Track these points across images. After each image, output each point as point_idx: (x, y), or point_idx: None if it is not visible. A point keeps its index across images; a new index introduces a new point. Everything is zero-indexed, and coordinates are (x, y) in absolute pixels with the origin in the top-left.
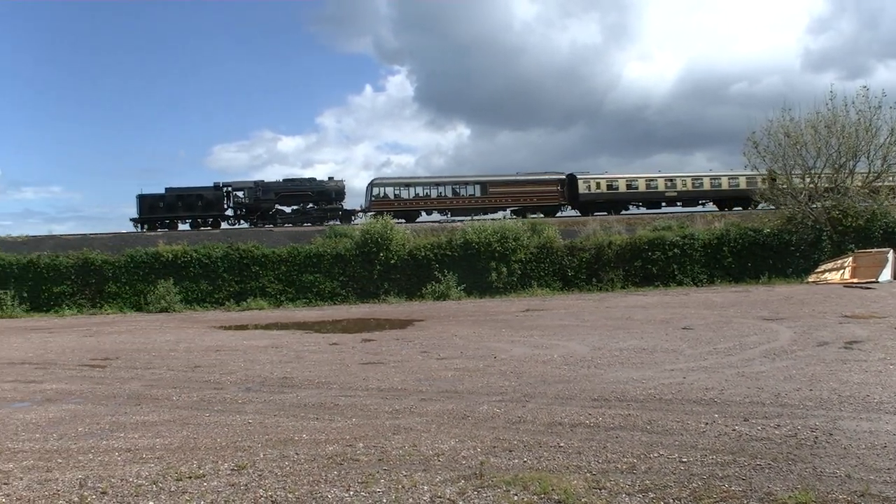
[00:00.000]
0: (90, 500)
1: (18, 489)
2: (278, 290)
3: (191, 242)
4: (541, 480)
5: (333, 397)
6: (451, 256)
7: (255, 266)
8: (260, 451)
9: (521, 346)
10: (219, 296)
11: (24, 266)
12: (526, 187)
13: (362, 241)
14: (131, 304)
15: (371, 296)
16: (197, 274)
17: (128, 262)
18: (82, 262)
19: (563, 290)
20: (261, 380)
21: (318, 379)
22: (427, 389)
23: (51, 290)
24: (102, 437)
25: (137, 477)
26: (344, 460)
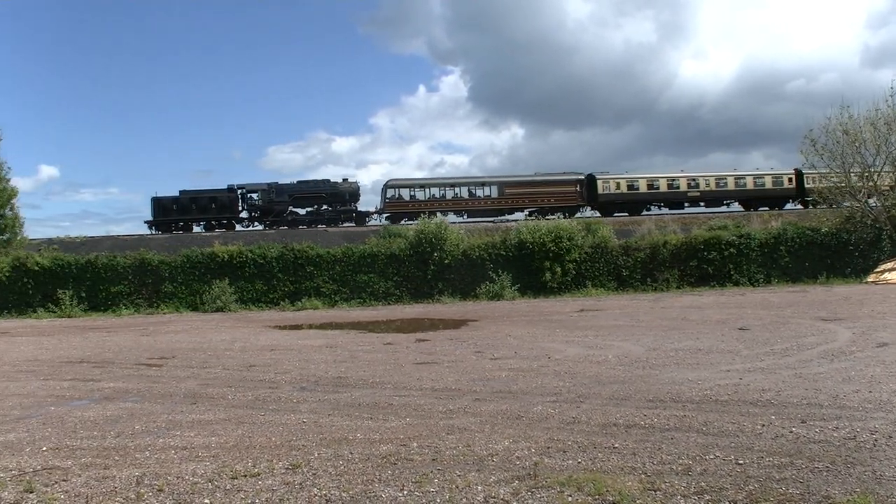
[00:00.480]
0: (147, 497)
1: (77, 486)
2: (333, 290)
3: (246, 243)
4: (595, 481)
5: (387, 397)
6: (505, 256)
7: (310, 266)
8: (314, 450)
9: (575, 347)
10: (274, 296)
11: (83, 266)
12: (543, 188)
13: (416, 241)
14: (187, 304)
15: (425, 296)
16: (252, 274)
17: (184, 263)
18: (139, 263)
19: (617, 290)
20: (315, 379)
21: (373, 379)
22: (481, 389)
23: (108, 289)
24: (159, 435)
25: (193, 475)
26: (398, 460)
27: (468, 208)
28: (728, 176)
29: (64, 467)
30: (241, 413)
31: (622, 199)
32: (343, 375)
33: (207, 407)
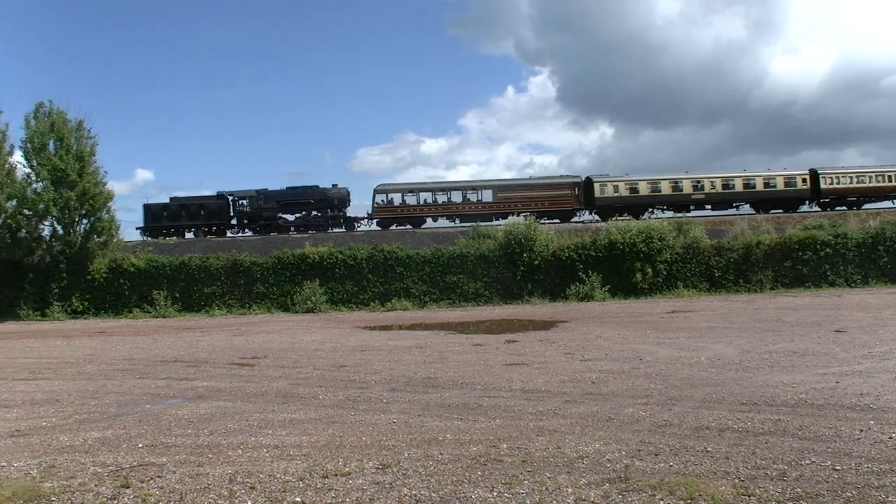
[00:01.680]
0: (239, 494)
1: (171, 482)
2: (422, 290)
3: (336, 244)
4: (687, 485)
5: (477, 398)
6: (595, 257)
7: (400, 267)
8: (404, 450)
9: (666, 348)
10: (364, 296)
11: (177, 267)
12: (538, 192)
13: (506, 241)
14: (278, 305)
15: (514, 297)
16: (342, 275)
17: (275, 264)
18: (231, 264)
19: (709, 291)
20: (405, 380)
21: (462, 379)
22: (571, 391)
23: (201, 290)
24: (251, 433)
25: (285, 473)
26: (488, 461)
27: (461, 213)
28: (735, 177)
29: (159, 464)
30: (332, 413)
31: (621, 203)
32: (433, 376)
33: (298, 406)
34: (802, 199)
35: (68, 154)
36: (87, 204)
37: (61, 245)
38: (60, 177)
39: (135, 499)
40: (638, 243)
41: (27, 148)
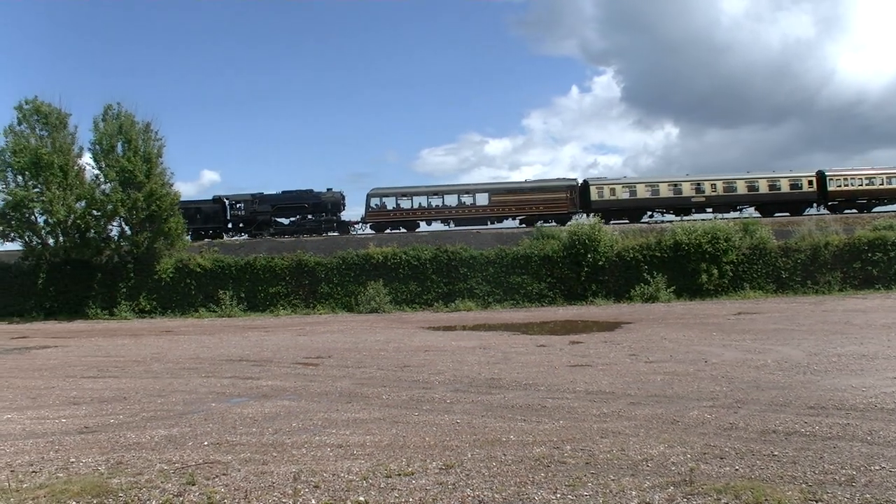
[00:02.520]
0: (303, 493)
1: (236, 480)
2: (486, 291)
3: (400, 245)
4: (753, 490)
5: (541, 399)
6: (660, 258)
7: (463, 268)
8: (468, 450)
9: (732, 351)
10: (427, 297)
11: (242, 267)
12: (532, 195)
13: (570, 242)
14: (342, 305)
15: (578, 297)
16: (406, 275)
17: (339, 264)
18: (296, 264)
19: (776, 292)
20: (469, 380)
21: (526, 380)
22: (636, 393)
23: (267, 290)
24: (315, 432)
25: (348, 472)
26: (551, 462)
27: (455, 216)
28: (738, 180)
29: (224, 462)
30: (396, 412)
31: (618, 206)
32: (496, 377)
33: (362, 406)
34: (809, 202)
35: (136, 155)
36: (154, 205)
37: (129, 245)
38: (128, 178)
39: (200, 496)
40: (703, 244)
41: (96, 150)
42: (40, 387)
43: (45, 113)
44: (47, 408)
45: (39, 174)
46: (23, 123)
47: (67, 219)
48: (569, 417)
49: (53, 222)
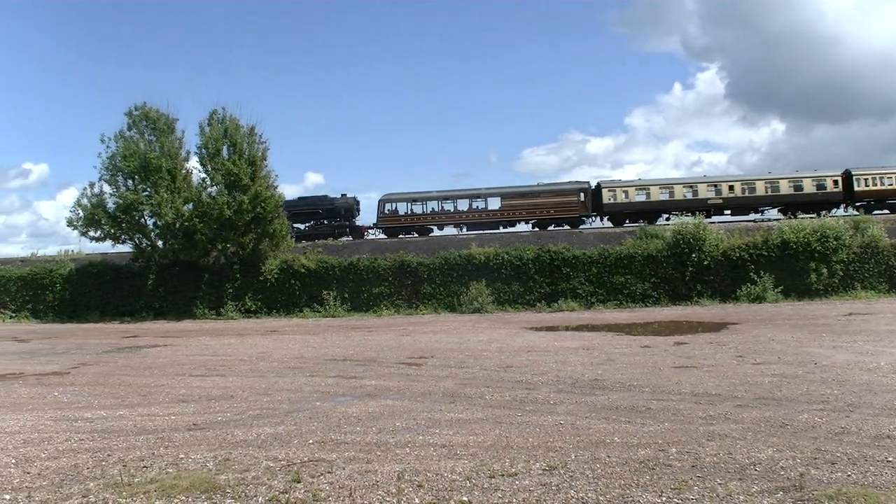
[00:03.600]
0: (407, 492)
1: (341, 478)
2: (589, 291)
3: (502, 245)
4: (866, 496)
5: (645, 400)
6: (767, 257)
7: (566, 268)
8: (571, 452)
9: (843, 352)
10: (530, 297)
11: (346, 268)
12: (543, 199)
13: (674, 241)
14: (445, 305)
15: (683, 298)
16: (508, 275)
17: (442, 264)
18: (399, 265)
19: (889, 292)
20: (572, 381)
21: (630, 381)
22: (742, 395)
23: (370, 290)
24: (418, 432)
25: (452, 472)
26: (656, 465)
27: (467, 221)
28: (756, 180)
29: (329, 460)
30: (499, 413)
31: (631, 209)
32: (600, 378)
33: (465, 406)
34: (834, 203)
35: (241, 159)
36: (259, 207)
37: (235, 247)
38: (233, 181)
39: (305, 493)
40: (812, 242)
41: (202, 154)
42: (150, 385)
43: (153, 118)
44: (157, 405)
45: (148, 178)
46: (132, 129)
47: (175, 221)
48: (674, 419)
49: (162, 224)
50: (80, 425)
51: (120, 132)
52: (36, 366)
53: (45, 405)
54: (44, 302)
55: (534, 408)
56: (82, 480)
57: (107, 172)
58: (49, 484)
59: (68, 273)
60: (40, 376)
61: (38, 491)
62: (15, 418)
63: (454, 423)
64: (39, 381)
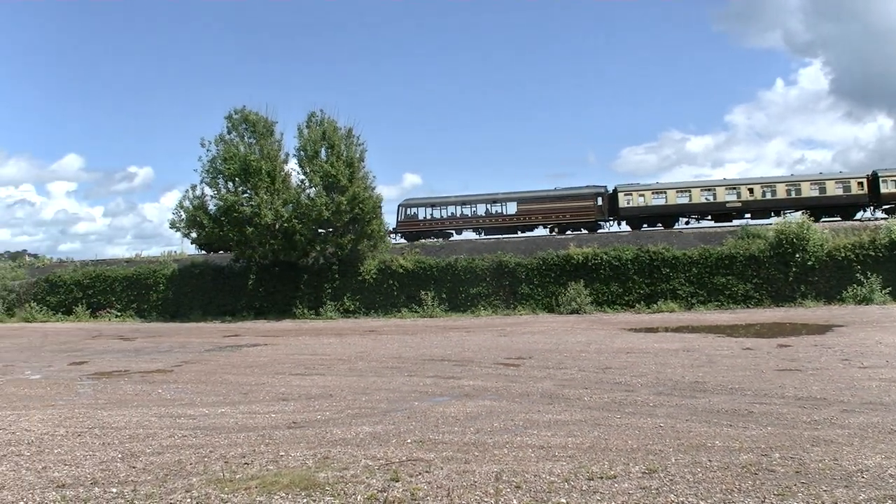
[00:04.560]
0: (505, 493)
1: (439, 477)
2: (689, 292)
3: (600, 245)
4: None
5: (747, 404)
6: (875, 257)
7: (666, 268)
8: (671, 455)
9: None
10: (628, 298)
11: (443, 269)
12: (559, 203)
13: (776, 241)
14: (543, 306)
15: (786, 299)
16: (607, 276)
17: (539, 265)
18: (496, 265)
19: None
20: (672, 383)
21: (731, 384)
22: (849, 400)
23: (467, 291)
24: (516, 433)
25: (550, 474)
26: (759, 470)
27: (485, 226)
28: (777, 183)
29: (427, 459)
30: (597, 415)
31: (647, 213)
32: (700, 380)
33: (563, 407)
34: (859, 206)
35: (339, 160)
36: (357, 208)
37: (333, 248)
38: (332, 182)
39: (404, 492)
40: None
41: (301, 156)
42: (251, 383)
43: (252, 122)
44: (258, 403)
45: (248, 180)
46: (232, 132)
47: (275, 222)
48: (777, 424)
49: (262, 226)
50: (183, 422)
51: (220, 135)
52: (141, 364)
53: (149, 402)
54: (148, 301)
55: (633, 410)
56: (185, 476)
57: (208, 175)
58: (153, 478)
59: (171, 273)
60: (145, 374)
61: (143, 485)
62: (121, 414)
63: (552, 424)
64: (144, 379)
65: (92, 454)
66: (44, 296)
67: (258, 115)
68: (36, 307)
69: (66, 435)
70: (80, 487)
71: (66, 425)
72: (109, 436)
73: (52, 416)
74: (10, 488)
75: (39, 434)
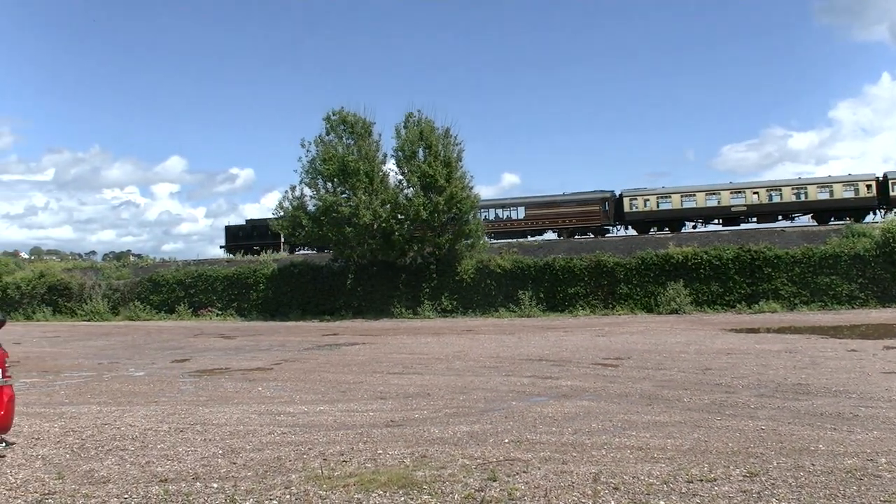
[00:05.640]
0: (603, 494)
1: (536, 478)
2: (791, 292)
3: (700, 244)
4: None
5: (852, 407)
6: None
7: (767, 267)
8: (773, 458)
9: None
10: (729, 298)
11: (541, 268)
12: (566, 208)
13: (883, 240)
14: (641, 306)
15: (893, 299)
16: (707, 276)
17: (638, 264)
18: (595, 265)
19: None
20: (774, 385)
21: (836, 387)
22: None
23: (565, 290)
24: (615, 434)
25: (648, 476)
26: (864, 475)
27: (495, 230)
28: (783, 186)
29: (524, 459)
30: (697, 416)
31: (652, 217)
32: (803, 382)
33: (663, 409)
34: (868, 208)
35: (436, 160)
36: (455, 208)
37: (431, 247)
38: (429, 182)
39: (501, 492)
40: None
41: (398, 156)
42: (349, 381)
43: (350, 123)
44: (356, 401)
45: (347, 180)
46: (331, 133)
47: (373, 222)
48: (884, 428)
49: (361, 226)
50: (282, 419)
51: (319, 137)
52: (241, 362)
53: (249, 399)
54: (248, 300)
55: (733, 412)
56: (285, 472)
57: (307, 176)
58: (253, 474)
59: (271, 273)
60: (245, 372)
61: (244, 481)
62: (222, 411)
63: (651, 425)
64: (244, 377)
65: (193, 450)
66: (147, 295)
67: (356, 115)
68: (140, 306)
69: (169, 431)
70: (182, 482)
71: (169, 421)
72: (210, 432)
73: (155, 413)
74: (115, 482)
75: (143, 430)
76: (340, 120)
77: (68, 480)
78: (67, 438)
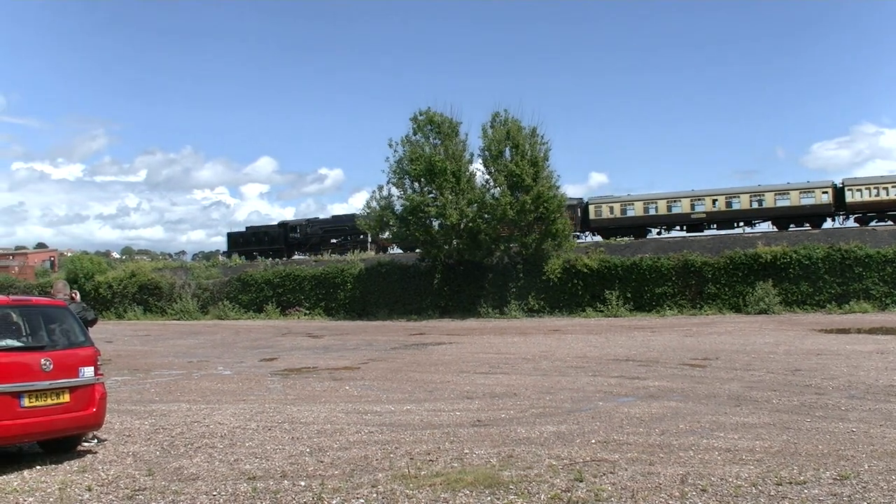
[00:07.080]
0: (691, 496)
1: (623, 479)
2: (883, 292)
3: (790, 243)
4: None
5: None
6: None
7: (858, 267)
8: (864, 461)
9: None
10: (819, 298)
11: (628, 268)
12: None
13: None
14: (730, 306)
15: None
16: (796, 275)
17: (727, 264)
18: (682, 264)
19: None
20: (865, 387)
21: None
22: None
23: (653, 290)
24: (702, 435)
25: (737, 478)
26: None
27: None
28: (741, 193)
29: (611, 460)
30: (786, 418)
31: (616, 224)
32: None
33: (751, 410)
34: (825, 215)
35: (523, 160)
36: (542, 207)
37: (518, 247)
38: (516, 182)
39: (587, 493)
40: None
41: (485, 156)
42: (436, 381)
43: (437, 123)
44: (443, 401)
45: (433, 180)
46: (417, 133)
47: (460, 222)
48: None
49: (447, 226)
50: (369, 418)
51: (406, 137)
52: (329, 360)
53: (336, 398)
54: (335, 300)
55: (823, 413)
56: (371, 471)
57: (394, 176)
58: (340, 473)
59: (358, 273)
60: (332, 370)
61: (331, 479)
62: (310, 410)
63: (739, 426)
64: (332, 376)
65: (281, 448)
66: (236, 294)
67: (443, 115)
68: (229, 305)
69: (257, 429)
70: (270, 480)
71: (257, 419)
72: (298, 430)
73: (243, 411)
74: (203, 479)
75: (231, 427)
76: (427, 120)
77: (158, 477)
78: (157, 436)
